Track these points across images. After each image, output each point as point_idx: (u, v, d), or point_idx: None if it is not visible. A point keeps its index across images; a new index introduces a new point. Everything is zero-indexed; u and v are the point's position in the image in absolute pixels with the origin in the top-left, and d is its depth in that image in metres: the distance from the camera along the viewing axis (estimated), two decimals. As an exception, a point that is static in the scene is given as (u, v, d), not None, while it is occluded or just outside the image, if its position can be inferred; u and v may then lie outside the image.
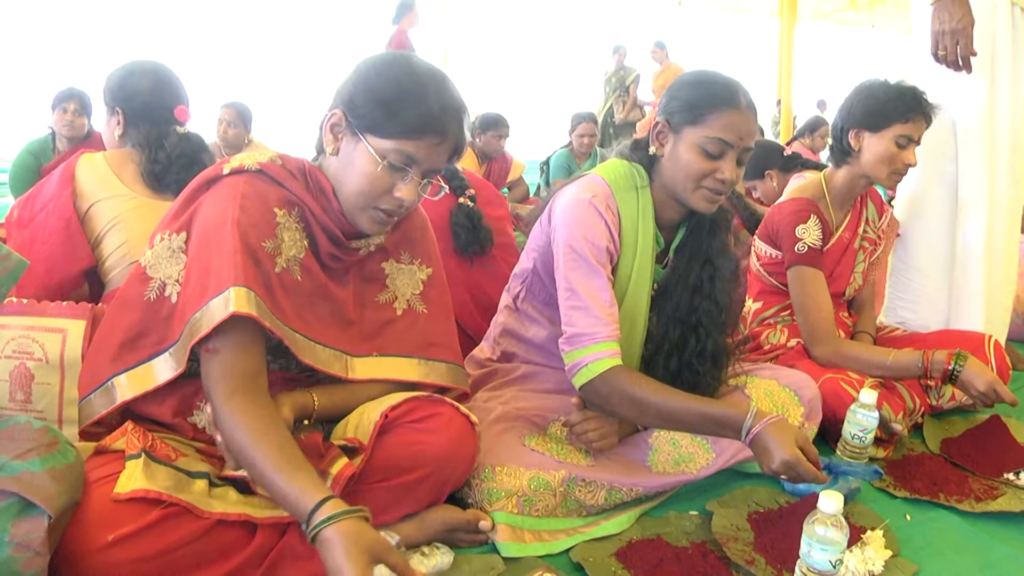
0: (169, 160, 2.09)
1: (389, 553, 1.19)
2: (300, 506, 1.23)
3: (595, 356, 1.70)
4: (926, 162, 2.61)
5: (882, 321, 2.80)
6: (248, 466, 1.33)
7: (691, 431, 1.79)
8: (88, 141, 4.32)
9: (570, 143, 6.13)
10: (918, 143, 2.26)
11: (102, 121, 2.24)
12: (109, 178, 2.08)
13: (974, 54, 2.42)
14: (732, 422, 1.60)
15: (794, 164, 3.58)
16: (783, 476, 1.54)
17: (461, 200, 2.45)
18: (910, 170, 2.37)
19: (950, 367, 2.05)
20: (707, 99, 1.74)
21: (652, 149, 1.83)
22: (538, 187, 6.50)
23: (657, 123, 1.81)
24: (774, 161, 3.64)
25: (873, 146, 2.27)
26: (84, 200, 2.05)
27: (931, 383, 2.30)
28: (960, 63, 2.43)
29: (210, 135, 4.95)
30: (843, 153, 2.35)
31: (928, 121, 2.27)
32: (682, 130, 1.76)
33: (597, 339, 1.70)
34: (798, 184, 2.56)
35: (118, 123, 2.17)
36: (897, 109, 2.23)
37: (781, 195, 2.61)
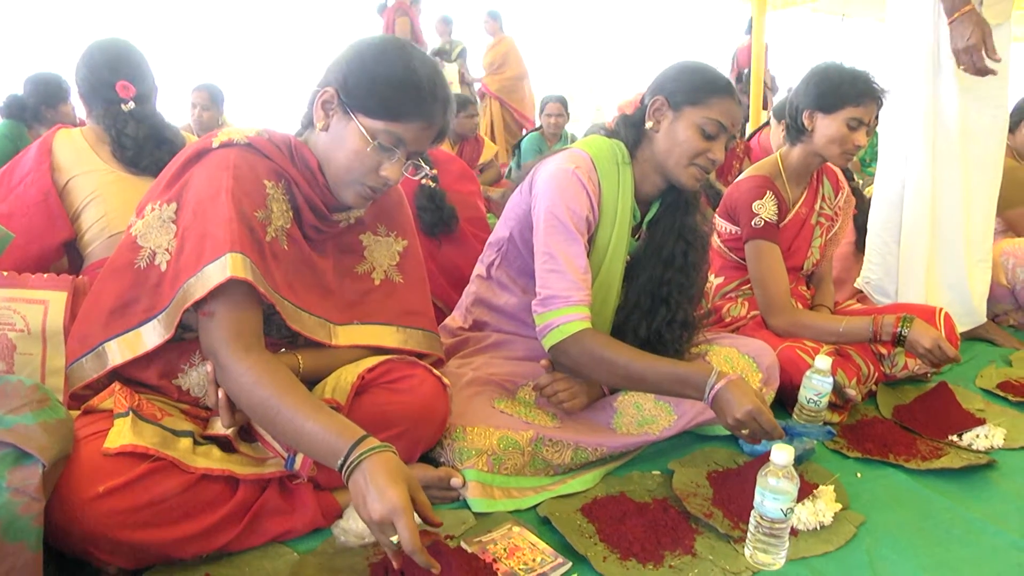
0: (137, 145, 2.12)
1: (418, 490, 1.27)
2: (341, 442, 1.30)
3: (566, 318, 1.78)
4: (889, 138, 2.81)
5: (857, 282, 2.98)
6: (271, 417, 1.39)
7: (656, 391, 1.87)
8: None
9: (541, 126, 6.21)
10: (868, 125, 2.36)
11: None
12: (86, 152, 2.12)
13: (998, 59, 2.55)
14: (696, 380, 1.69)
15: None
16: (744, 430, 1.63)
17: (423, 181, 2.49)
18: (883, 142, 2.54)
19: (898, 329, 2.16)
20: (710, 84, 1.86)
21: (649, 124, 1.91)
22: (510, 170, 6.56)
23: (656, 100, 1.89)
24: None
25: (825, 127, 2.36)
26: (62, 174, 2.08)
27: (884, 351, 2.41)
28: (980, 72, 2.56)
29: (184, 118, 4.94)
30: (797, 132, 2.44)
31: (879, 105, 2.37)
32: (683, 109, 1.86)
33: (570, 302, 1.79)
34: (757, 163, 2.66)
35: (83, 106, 2.21)
36: (849, 93, 2.32)
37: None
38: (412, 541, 1.19)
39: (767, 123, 4.90)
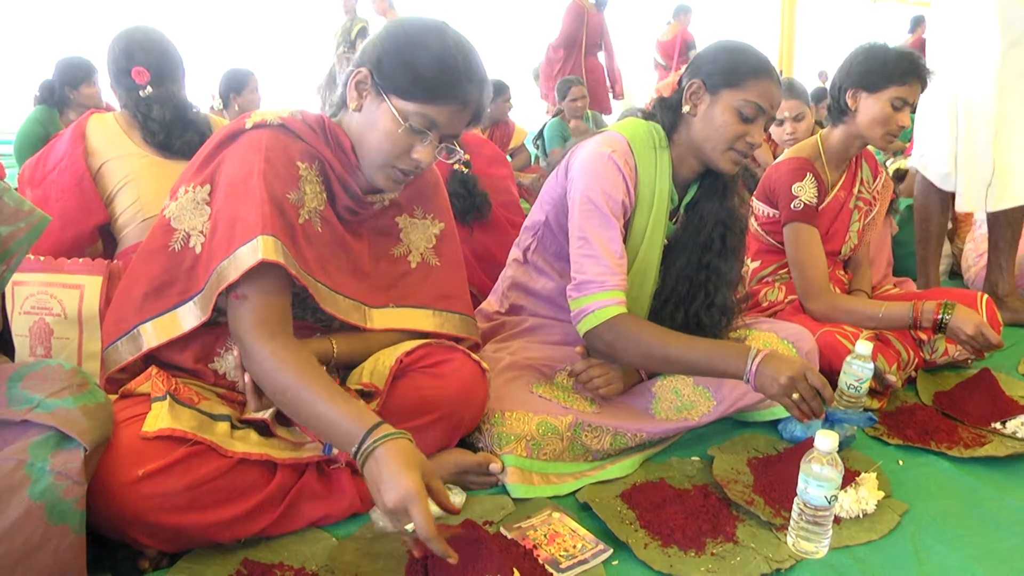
0: (165, 129, 2.12)
1: (433, 477, 1.25)
2: (356, 428, 1.29)
3: (602, 303, 1.76)
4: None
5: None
6: (292, 402, 1.38)
7: (695, 372, 1.86)
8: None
9: (561, 111, 6.17)
10: (912, 106, 2.32)
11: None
12: (119, 137, 2.12)
13: None
14: (735, 357, 1.68)
15: None
16: (794, 394, 1.61)
17: (455, 167, 2.48)
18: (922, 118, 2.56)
19: (939, 316, 2.12)
20: (748, 65, 1.81)
21: (686, 108, 1.87)
22: (535, 157, 6.53)
23: (692, 83, 1.86)
24: None
25: (869, 107, 2.31)
26: (96, 158, 2.08)
27: (923, 337, 2.36)
28: None
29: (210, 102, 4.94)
30: (840, 112, 2.40)
31: (924, 85, 2.32)
32: (720, 92, 1.82)
33: (605, 287, 1.77)
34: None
35: (113, 94, 2.23)
36: (895, 72, 2.28)
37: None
38: (427, 528, 1.17)
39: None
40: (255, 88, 4.81)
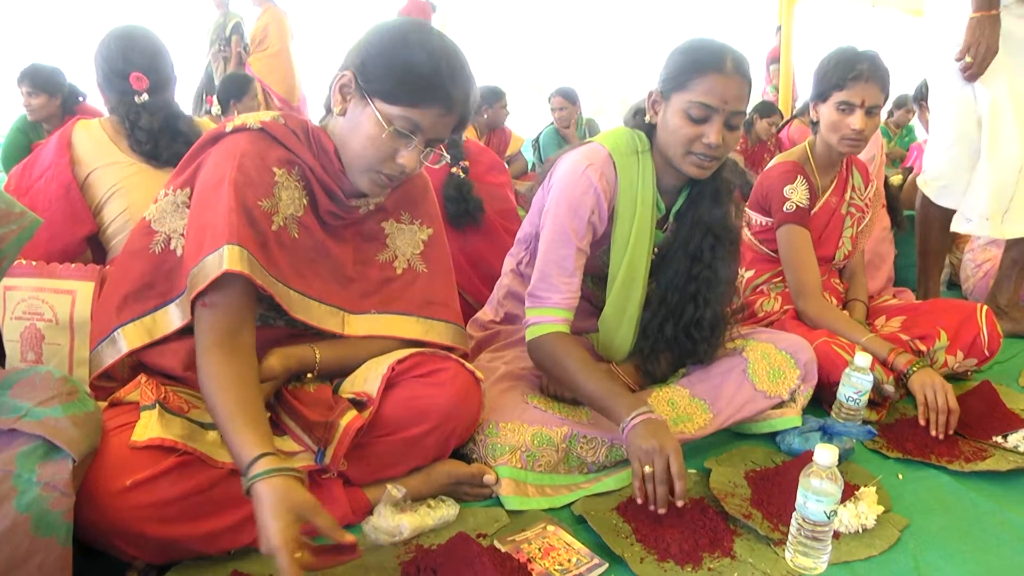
0: (153, 138, 2.09)
1: (317, 514, 1.20)
2: (241, 457, 1.28)
3: (541, 319, 1.81)
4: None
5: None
6: (211, 412, 1.37)
7: (592, 407, 1.81)
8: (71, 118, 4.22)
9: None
10: (864, 107, 2.31)
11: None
12: (107, 145, 2.09)
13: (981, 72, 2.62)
14: (617, 411, 1.64)
15: None
16: (646, 467, 1.54)
17: (453, 170, 2.47)
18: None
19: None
20: (692, 64, 1.76)
21: (647, 117, 1.86)
22: (532, 164, 6.52)
23: (651, 92, 1.85)
24: None
25: (824, 115, 2.39)
26: (82, 167, 2.06)
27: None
28: (972, 77, 2.63)
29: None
30: (813, 124, 2.47)
31: (879, 84, 2.31)
32: (671, 96, 1.79)
33: (547, 304, 1.80)
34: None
35: (100, 95, 2.18)
36: (833, 78, 2.33)
37: None
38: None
39: (793, 117, 4.86)
40: (255, 95, 4.78)
